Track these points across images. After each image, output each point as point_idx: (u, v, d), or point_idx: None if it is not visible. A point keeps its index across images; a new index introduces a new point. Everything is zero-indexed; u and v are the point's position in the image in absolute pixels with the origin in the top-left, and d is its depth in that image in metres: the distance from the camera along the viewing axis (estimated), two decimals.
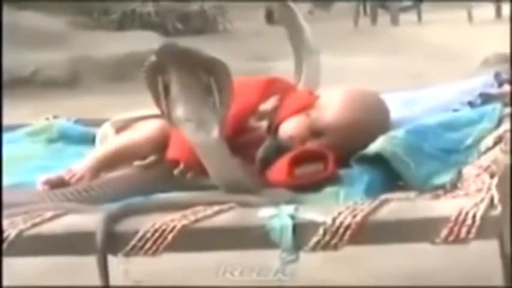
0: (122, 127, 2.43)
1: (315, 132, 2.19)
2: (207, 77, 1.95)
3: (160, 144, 2.26)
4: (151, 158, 2.27)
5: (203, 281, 2.60)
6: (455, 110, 2.32)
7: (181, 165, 2.12)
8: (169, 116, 1.96)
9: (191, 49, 1.93)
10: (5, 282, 1.84)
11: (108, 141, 2.40)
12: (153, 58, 1.92)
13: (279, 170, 2.08)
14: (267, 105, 2.31)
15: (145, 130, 2.32)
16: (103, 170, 2.24)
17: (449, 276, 2.74)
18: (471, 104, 2.35)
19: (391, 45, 9.09)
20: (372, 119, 2.19)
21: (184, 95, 1.94)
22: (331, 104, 2.20)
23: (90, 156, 2.28)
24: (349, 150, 2.04)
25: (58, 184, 2.16)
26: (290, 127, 2.22)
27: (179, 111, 1.94)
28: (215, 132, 1.92)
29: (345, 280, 2.79)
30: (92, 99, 6.82)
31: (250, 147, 2.20)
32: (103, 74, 7.69)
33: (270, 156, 2.16)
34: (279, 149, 2.17)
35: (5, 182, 2.24)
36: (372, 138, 2.02)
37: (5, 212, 1.88)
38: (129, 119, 2.43)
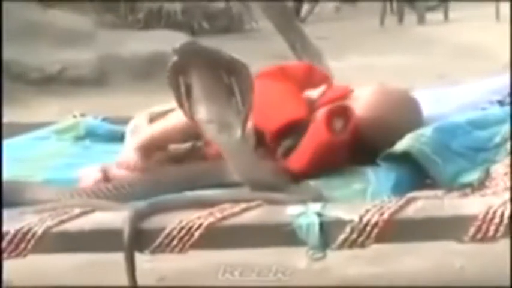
0: (155, 119, 2.44)
1: None
2: (228, 77, 1.95)
3: (192, 131, 2.27)
4: (187, 145, 2.28)
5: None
6: (483, 109, 2.31)
7: None
8: (192, 117, 1.97)
9: (211, 48, 1.93)
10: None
11: (142, 132, 2.40)
12: (175, 58, 1.92)
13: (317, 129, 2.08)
14: (315, 92, 2.32)
15: (177, 119, 2.33)
16: (149, 155, 2.25)
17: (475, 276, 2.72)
18: (500, 103, 2.34)
19: (418, 44, 9.03)
20: (402, 116, 2.17)
21: (206, 96, 1.94)
22: (362, 98, 2.21)
23: (130, 147, 2.31)
24: (378, 145, 2.03)
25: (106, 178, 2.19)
26: None
27: (201, 112, 1.95)
28: (238, 133, 1.92)
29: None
30: (118, 97, 6.83)
31: None
32: (129, 73, 7.70)
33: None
34: None
35: (33, 179, 2.26)
36: (402, 135, 2.01)
37: (33, 208, 1.89)
38: (163, 111, 2.44)
